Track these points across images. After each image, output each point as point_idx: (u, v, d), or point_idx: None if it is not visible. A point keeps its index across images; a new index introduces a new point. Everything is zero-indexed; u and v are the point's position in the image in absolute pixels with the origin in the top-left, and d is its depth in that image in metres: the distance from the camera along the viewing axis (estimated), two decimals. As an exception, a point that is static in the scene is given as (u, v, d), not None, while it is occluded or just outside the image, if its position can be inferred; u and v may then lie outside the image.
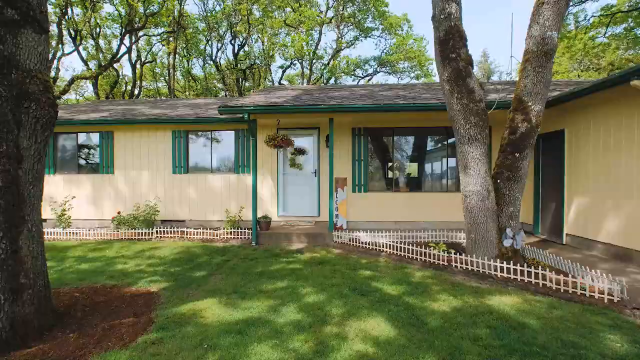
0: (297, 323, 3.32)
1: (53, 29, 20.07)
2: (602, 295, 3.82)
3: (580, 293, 3.96)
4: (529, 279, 4.39)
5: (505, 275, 4.54)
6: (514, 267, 4.53)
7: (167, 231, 7.50)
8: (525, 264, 4.50)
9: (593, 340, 2.97)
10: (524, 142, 4.98)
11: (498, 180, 5.09)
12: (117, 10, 21.24)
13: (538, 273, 4.31)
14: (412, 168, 9.08)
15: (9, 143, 2.87)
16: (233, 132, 8.54)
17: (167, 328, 3.23)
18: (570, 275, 4.17)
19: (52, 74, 20.64)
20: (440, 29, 4.86)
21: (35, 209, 3.14)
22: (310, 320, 3.38)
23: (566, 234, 6.53)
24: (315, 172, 8.37)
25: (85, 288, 4.35)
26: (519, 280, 4.43)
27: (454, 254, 5.26)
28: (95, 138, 8.76)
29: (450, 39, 4.76)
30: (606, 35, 17.73)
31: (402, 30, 26.94)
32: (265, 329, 3.20)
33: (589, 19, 16.97)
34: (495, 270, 4.68)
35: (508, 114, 5.26)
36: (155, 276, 4.82)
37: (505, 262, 4.65)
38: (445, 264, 5.15)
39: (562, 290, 4.06)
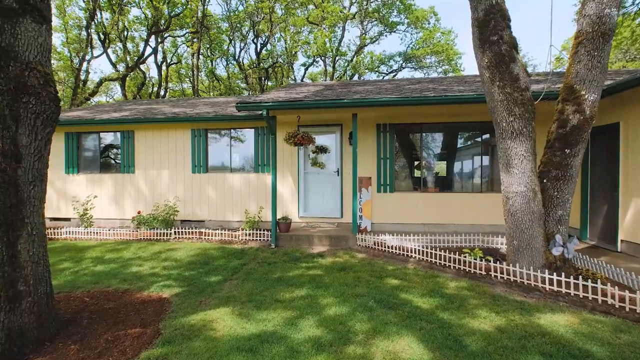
0: (316, 340, 2.95)
1: (83, 33, 20.74)
2: (681, 318, 3.20)
3: (652, 313, 3.34)
4: (585, 294, 3.79)
5: (555, 288, 3.96)
6: (566, 279, 3.94)
7: (185, 232, 7.33)
8: (580, 277, 3.90)
9: (680, 377, 2.41)
10: (575, 137, 4.36)
11: (544, 180, 4.49)
12: (143, 13, 21.69)
13: (596, 287, 3.71)
14: (442, 167, 8.47)
15: (6, 140, 2.66)
16: (253, 130, 8.27)
17: (173, 342, 2.94)
18: (638, 292, 3.54)
19: (82, 76, 21.36)
20: (479, 9, 4.30)
21: (36, 211, 2.93)
22: (331, 338, 2.99)
23: (621, 240, 5.78)
24: (337, 171, 7.96)
25: (96, 292, 4.17)
26: (572, 294, 3.83)
27: (493, 261, 4.70)
28: (117, 137, 8.76)
29: (491, 20, 4.20)
30: (657, 21, 16.12)
31: (428, 23, 25.99)
32: (281, 347, 2.85)
33: (638, 4, 15.48)
34: (543, 282, 4.10)
35: (556, 105, 4.64)
36: (168, 280, 4.59)
37: (554, 273, 4.06)
38: (483, 273, 4.60)
39: (627, 309, 3.46)
